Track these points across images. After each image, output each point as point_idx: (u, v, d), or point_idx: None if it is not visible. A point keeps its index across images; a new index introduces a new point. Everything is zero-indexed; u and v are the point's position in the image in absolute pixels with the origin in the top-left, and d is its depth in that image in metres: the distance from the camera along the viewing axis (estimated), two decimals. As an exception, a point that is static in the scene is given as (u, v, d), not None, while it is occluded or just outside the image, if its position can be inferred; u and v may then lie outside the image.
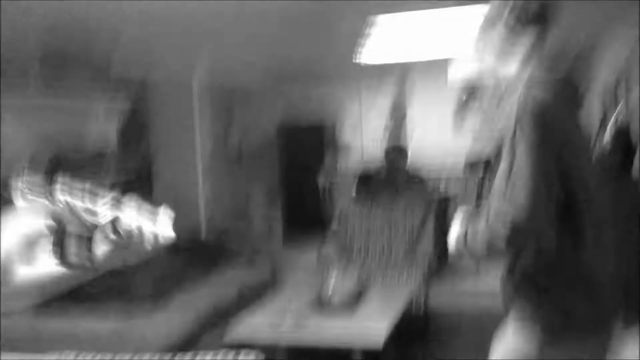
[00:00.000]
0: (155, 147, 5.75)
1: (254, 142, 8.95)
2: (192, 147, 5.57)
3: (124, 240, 1.11)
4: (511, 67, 1.82)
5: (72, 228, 1.07)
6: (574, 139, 1.74)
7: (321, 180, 6.68)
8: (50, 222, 1.04)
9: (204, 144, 9.10)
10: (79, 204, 1.07)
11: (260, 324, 3.34)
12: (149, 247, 1.14)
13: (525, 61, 1.80)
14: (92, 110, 4.62)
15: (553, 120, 1.65)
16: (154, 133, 5.78)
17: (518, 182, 1.57)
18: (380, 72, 8.22)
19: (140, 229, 1.11)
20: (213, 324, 3.76)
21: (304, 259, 6.68)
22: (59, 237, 1.06)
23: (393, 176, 5.64)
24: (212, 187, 9.15)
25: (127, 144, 5.09)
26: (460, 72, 7.76)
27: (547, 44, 1.84)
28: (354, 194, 6.44)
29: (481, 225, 1.65)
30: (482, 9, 1.90)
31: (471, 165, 6.43)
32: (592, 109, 7.26)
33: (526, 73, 1.77)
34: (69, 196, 1.08)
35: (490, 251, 1.65)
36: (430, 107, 8.24)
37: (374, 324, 3.29)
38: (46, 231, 1.04)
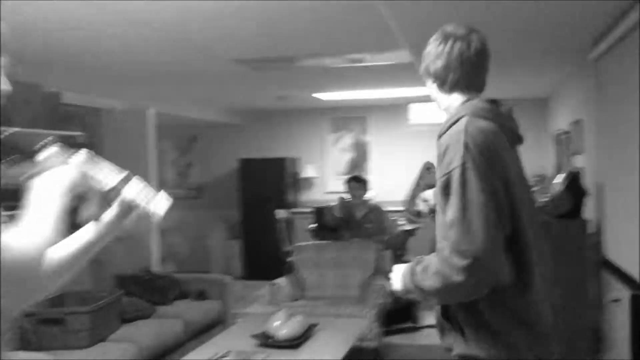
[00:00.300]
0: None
1: (216, 173, 8.91)
2: (145, 177, 5.47)
3: (123, 209, 1.22)
4: (455, 100, 1.80)
5: (85, 193, 1.18)
6: (517, 171, 1.72)
7: (280, 214, 6.64)
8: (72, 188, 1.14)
9: (160, 175, 9.02)
10: (91, 170, 1.20)
11: (202, 357, 3.25)
12: (144, 220, 1.23)
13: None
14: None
15: (497, 149, 1.64)
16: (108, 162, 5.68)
17: (473, 212, 1.55)
18: (343, 107, 8.34)
19: (136, 202, 1.21)
20: (156, 358, 3.66)
21: (260, 292, 6.61)
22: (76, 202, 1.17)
23: (351, 210, 5.65)
24: (171, 219, 9.03)
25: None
26: (418, 113, 7.97)
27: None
28: (311, 227, 6.42)
29: (434, 261, 1.61)
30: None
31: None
32: (547, 152, 7.48)
33: (470, 106, 1.75)
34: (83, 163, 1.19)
35: (444, 286, 1.58)
36: (391, 143, 8.36)
37: (315, 357, 3.23)
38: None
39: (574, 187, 4.68)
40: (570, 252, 4.50)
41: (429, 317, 4.95)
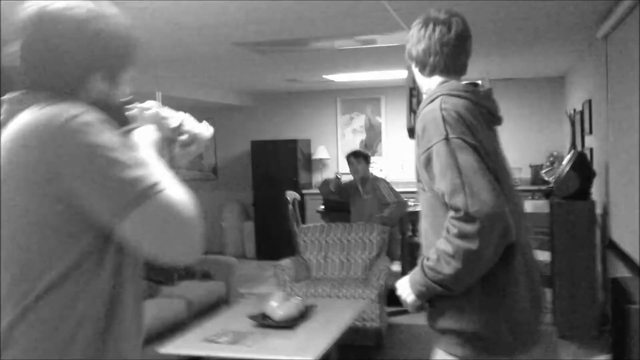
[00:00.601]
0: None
1: (229, 156, 8.96)
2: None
3: (189, 140, 1.34)
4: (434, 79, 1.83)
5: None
6: (493, 149, 1.71)
7: (289, 195, 6.66)
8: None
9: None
10: (162, 113, 1.33)
11: (197, 338, 3.31)
12: (199, 148, 1.37)
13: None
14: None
15: (472, 124, 1.65)
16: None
17: (471, 175, 1.55)
18: (355, 89, 8.30)
19: (195, 132, 1.36)
20: (157, 337, 3.73)
21: (269, 273, 6.67)
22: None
23: (355, 186, 5.63)
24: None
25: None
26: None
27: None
28: (320, 209, 6.44)
29: (443, 245, 1.58)
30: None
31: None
32: (564, 132, 7.35)
33: (446, 85, 1.77)
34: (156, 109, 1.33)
35: (466, 260, 1.55)
36: (404, 125, 8.29)
37: (312, 340, 3.26)
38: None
39: (581, 167, 4.61)
40: (577, 233, 4.45)
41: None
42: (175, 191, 1.09)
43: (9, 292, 1.09)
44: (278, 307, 3.59)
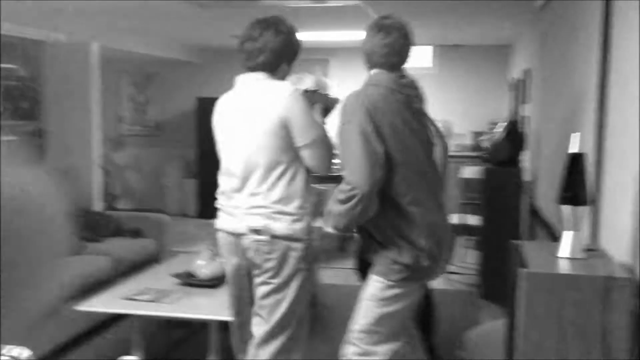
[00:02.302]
0: (48, 110, 5.52)
1: (173, 112, 8.77)
2: (87, 114, 5.36)
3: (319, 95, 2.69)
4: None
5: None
6: (411, 128, 2.30)
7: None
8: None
9: (116, 110, 8.87)
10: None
11: (117, 295, 3.26)
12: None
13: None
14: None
15: (385, 111, 2.23)
16: (48, 97, 5.55)
17: (350, 155, 2.20)
18: (304, 49, 8.17)
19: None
20: (81, 295, 3.67)
21: (210, 231, 6.63)
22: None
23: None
24: (127, 156, 8.94)
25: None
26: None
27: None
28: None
29: (337, 194, 2.23)
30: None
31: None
32: (506, 100, 7.46)
33: (374, 76, 2.35)
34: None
35: (345, 211, 2.19)
36: (353, 87, 8.25)
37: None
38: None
39: (513, 135, 4.69)
40: (505, 199, 4.56)
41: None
42: (327, 140, 2.39)
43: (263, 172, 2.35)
44: (203, 265, 3.57)
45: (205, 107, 8.12)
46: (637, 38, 1.98)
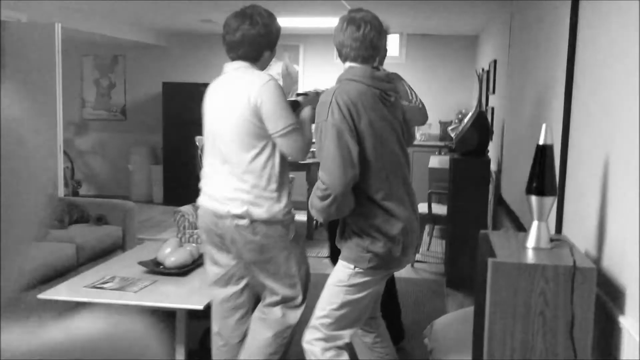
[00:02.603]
0: (10, 92, 5.35)
1: (139, 97, 8.61)
2: (50, 98, 5.22)
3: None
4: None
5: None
6: (387, 121, 2.35)
7: (198, 140, 6.50)
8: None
9: (81, 94, 8.67)
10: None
11: (81, 283, 3.20)
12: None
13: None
14: None
15: (359, 106, 2.26)
16: (9, 79, 5.38)
17: (326, 155, 2.24)
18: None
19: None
20: (42, 283, 3.60)
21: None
22: None
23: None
24: (91, 140, 8.75)
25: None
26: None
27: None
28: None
29: (315, 190, 2.29)
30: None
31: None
32: (473, 90, 7.53)
33: (349, 70, 2.37)
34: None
35: (321, 207, 2.27)
36: (322, 74, 8.24)
37: (204, 288, 3.23)
38: None
39: (480, 126, 4.74)
40: (471, 188, 4.61)
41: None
42: (299, 131, 2.51)
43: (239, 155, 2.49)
44: (170, 253, 3.52)
45: (172, 92, 8.03)
46: (606, 28, 2.02)
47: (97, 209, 4.60)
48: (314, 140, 2.54)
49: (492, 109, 5.41)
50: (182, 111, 7.97)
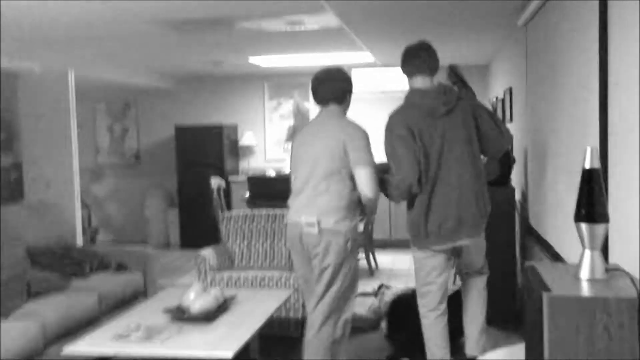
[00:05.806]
0: (26, 144, 5.35)
1: (152, 141, 8.63)
2: (65, 146, 5.21)
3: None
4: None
5: None
6: (437, 134, 3.13)
7: (214, 181, 6.45)
8: None
9: (95, 141, 8.69)
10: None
11: (107, 335, 3.10)
12: None
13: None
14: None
15: (408, 124, 3.12)
16: (25, 129, 5.39)
17: (398, 160, 3.11)
18: (283, 73, 8.14)
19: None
20: (65, 335, 3.50)
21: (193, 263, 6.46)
22: None
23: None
24: (106, 188, 8.73)
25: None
26: (360, 79, 7.83)
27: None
28: (246, 196, 6.29)
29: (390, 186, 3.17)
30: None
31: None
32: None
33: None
34: None
35: (392, 190, 3.16)
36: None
37: (231, 334, 3.13)
38: None
39: (502, 154, 4.65)
40: (497, 219, 4.49)
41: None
42: (374, 168, 3.17)
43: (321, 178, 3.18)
44: (195, 299, 3.43)
45: (184, 134, 8.04)
46: (637, 44, 1.95)
47: (116, 256, 4.52)
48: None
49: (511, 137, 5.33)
50: (195, 153, 7.97)
